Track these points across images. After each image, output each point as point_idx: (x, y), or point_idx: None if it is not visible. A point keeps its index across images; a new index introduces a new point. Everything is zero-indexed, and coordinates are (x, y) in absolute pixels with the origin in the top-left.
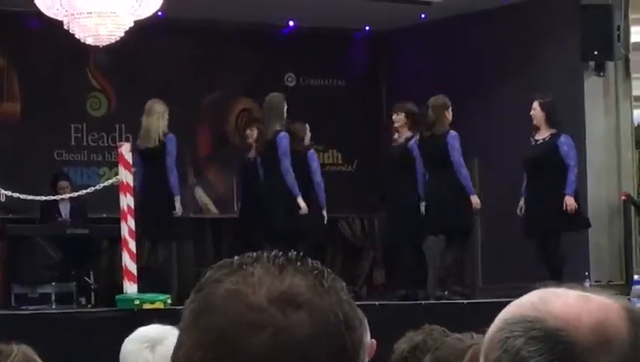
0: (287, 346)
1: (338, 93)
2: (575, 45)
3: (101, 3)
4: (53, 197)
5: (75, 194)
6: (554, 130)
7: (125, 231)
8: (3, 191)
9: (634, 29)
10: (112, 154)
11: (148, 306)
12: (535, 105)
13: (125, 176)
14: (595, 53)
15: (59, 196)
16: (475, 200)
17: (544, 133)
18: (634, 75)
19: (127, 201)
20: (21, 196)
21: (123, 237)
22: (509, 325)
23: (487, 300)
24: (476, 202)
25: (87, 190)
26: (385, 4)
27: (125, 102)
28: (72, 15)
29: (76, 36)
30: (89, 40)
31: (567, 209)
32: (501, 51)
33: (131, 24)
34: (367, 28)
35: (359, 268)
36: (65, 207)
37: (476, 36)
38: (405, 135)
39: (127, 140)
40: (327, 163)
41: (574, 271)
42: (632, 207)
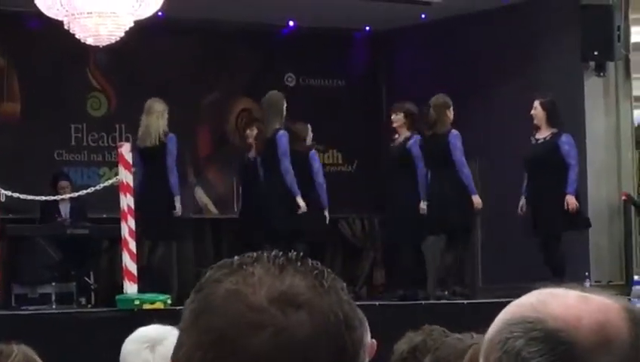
0: (287, 346)
1: (338, 93)
2: (575, 45)
3: (101, 3)
4: (53, 198)
5: (76, 194)
6: (555, 129)
7: (125, 232)
8: (3, 191)
9: (634, 29)
10: (112, 154)
11: (148, 306)
12: (536, 104)
13: (125, 176)
14: (596, 53)
15: (59, 196)
16: (477, 199)
17: (545, 132)
18: (634, 76)
19: (127, 201)
20: (21, 196)
21: (123, 238)
22: (508, 326)
23: (488, 300)
24: (477, 202)
25: (88, 190)
26: (385, 4)
27: (125, 103)
28: (73, 15)
29: (76, 36)
30: (89, 40)
31: (569, 208)
32: (501, 51)
33: (131, 24)
34: (367, 28)
35: (359, 268)
36: (65, 207)
37: (476, 36)
38: (404, 135)
39: (127, 140)
40: (327, 163)
41: (575, 271)
42: (633, 207)
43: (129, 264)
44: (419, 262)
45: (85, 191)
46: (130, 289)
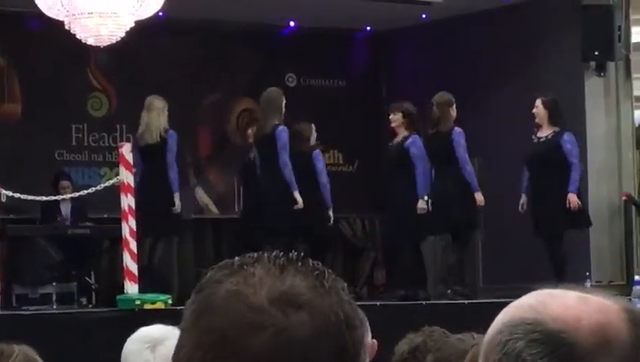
0: (287, 346)
1: (339, 93)
2: (576, 45)
3: (102, 3)
4: (54, 198)
5: (76, 194)
6: (557, 128)
7: (126, 232)
8: (4, 192)
9: (635, 29)
10: (113, 154)
11: (149, 306)
12: (538, 103)
13: (126, 177)
14: (596, 53)
15: (60, 196)
16: (480, 197)
17: (546, 130)
18: (635, 76)
19: (127, 201)
20: (22, 196)
21: (124, 238)
22: (508, 327)
23: (488, 300)
24: (480, 199)
25: (88, 190)
26: (385, 4)
27: (126, 103)
28: (73, 15)
29: (77, 36)
30: (90, 40)
31: (571, 207)
32: (502, 51)
33: (132, 24)
34: (367, 28)
35: (360, 269)
36: (66, 207)
37: (477, 36)
38: (402, 134)
39: (127, 140)
40: (328, 163)
41: (575, 272)
42: (633, 207)
43: (130, 264)
44: (418, 262)
45: (86, 192)
46: (131, 289)
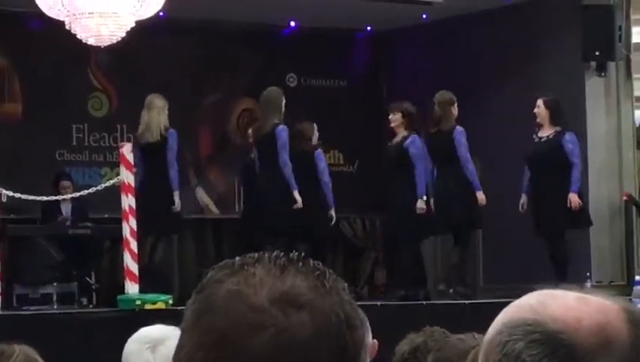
0: (288, 347)
1: (339, 93)
2: (576, 45)
3: (103, 3)
4: (54, 198)
5: (77, 194)
6: (558, 127)
7: (127, 232)
8: (4, 192)
9: (635, 29)
10: (114, 154)
11: (149, 306)
12: (539, 102)
13: (127, 177)
14: (597, 53)
15: (60, 196)
16: (481, 196)
17: (548, 130)
18: (635, 76)
19: (128, 201)
20: (22, 196)
21: (124, 238)
22: (508, 328)
23: (489, 300)
24: (482, 198)
25: (89, 190)
26: (386, 4)
27: (126, 103)
28: (74, 15)
29: (78, 36)
30: (90, 40)
31: (572, 206)
32: (502, 51)
33: (133, 24)
34: (368, 28)
35: (361, 269)
36: (66, 207)
37: (477, 36)
38: (402, 134)
39: (128, 140)
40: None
41: (576, 272)
42: (634, 208)
43: (130, 264)
44: (418, 262)
45: (87, 191)
46: (132, 289)
